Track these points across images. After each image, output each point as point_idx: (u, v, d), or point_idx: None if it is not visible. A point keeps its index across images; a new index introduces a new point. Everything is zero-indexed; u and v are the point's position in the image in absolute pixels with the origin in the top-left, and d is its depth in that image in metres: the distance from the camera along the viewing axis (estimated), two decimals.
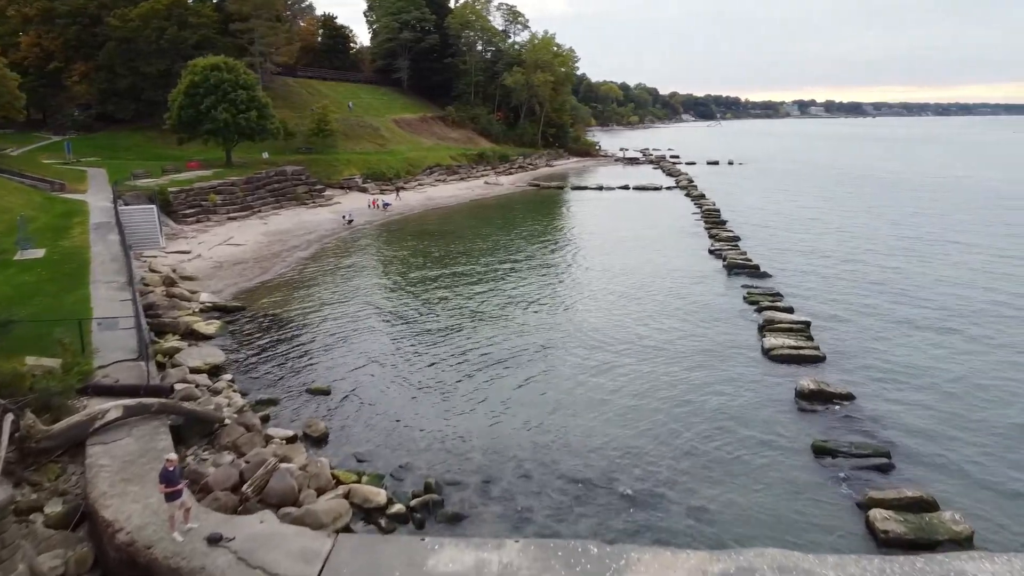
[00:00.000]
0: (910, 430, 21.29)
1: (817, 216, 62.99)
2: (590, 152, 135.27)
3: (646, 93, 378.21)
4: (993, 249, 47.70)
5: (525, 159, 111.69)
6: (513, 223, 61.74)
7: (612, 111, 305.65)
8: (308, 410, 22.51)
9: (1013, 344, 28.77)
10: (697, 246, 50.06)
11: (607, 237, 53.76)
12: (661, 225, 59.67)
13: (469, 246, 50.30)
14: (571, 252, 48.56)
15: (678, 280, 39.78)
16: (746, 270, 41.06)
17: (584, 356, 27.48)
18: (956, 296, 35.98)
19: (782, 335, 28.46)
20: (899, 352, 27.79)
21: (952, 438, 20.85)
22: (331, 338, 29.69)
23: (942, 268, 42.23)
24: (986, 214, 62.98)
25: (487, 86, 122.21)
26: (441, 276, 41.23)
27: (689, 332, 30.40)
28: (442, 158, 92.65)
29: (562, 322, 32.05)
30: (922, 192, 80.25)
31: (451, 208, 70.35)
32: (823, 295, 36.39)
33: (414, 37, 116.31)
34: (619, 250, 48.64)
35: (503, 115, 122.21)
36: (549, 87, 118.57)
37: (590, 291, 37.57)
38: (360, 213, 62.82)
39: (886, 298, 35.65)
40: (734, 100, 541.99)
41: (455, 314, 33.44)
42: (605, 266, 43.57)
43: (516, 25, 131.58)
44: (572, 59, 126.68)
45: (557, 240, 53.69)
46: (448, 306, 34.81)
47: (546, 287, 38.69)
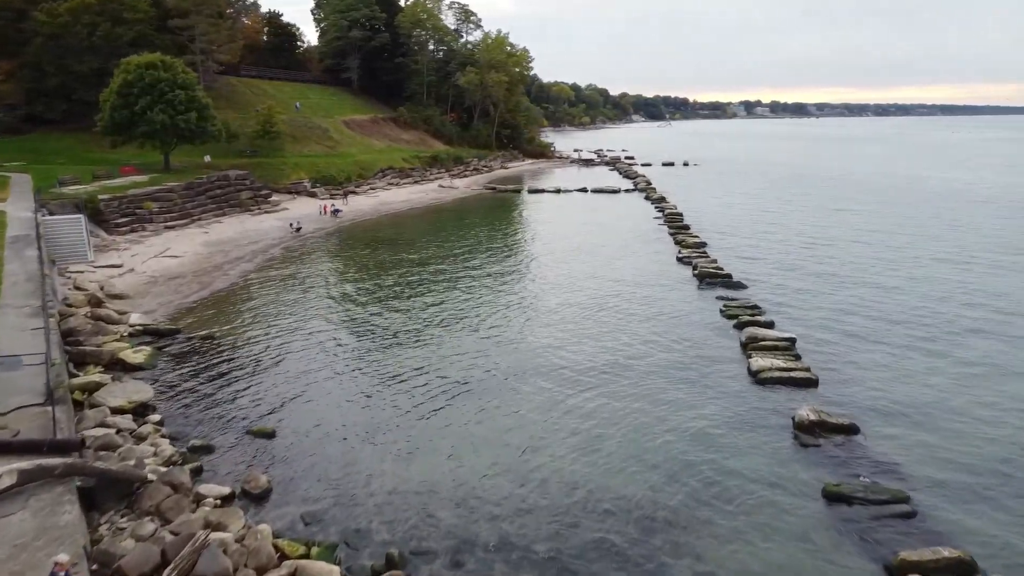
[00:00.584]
0: (922, 465, 19.30)
1: (781, 220, 61.60)
2: (545, 154, 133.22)
3: (597, 94, 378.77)
4: (964, 251, 46.61)
5: (480, 161, 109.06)
6: (470, 230, 59.10)
7: (564, 112, 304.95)
8: (249, 455, 19.60)
9: (1004, 358, 27.18)
10: (664, 253, 48.04)
11: (569, 244, 51.47)
12: (624, 230, 57.62)
13: (424, 255, 47.52)
14: (532, 261, 46.11)
15: (648, 292, 37.57)
16: (718, 280, 39.06)
17: (552, 383, 24.99)
18: (935, 304, 34.46)
19: (768, 355, 26.38)
20: (892, 372, 25.92)
21: (968, 470, 18.92)
22: (277, 365, 26.71)
23: (915, 274, 40.82)
24: (950, 213, 62.30)
25: (440, 86, 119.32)
26: (395, 290, 38.38)
27: (666, 352, 28.14)
28: (394, 160, 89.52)
29: (526, 342, 29.51)
30: (882, 192, 79.75)
31: (405, 213, 67.36)
32: (801, 306, 34.54)
33: (364, 36, 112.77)
34: (582, 258, 46.37)
35: (456, 116, 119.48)
36: (503, 87, 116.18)
37: (554, 305, 35.11)
38: (309, 220, 59.49)
39: (866, 309, 33.93)
40: (682, 101, 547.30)
41: (410, 334, 30.67)
42: (569, 276, 41.22)
43: (468, 24, 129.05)
44: (526, 59, 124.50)
45: (516, 248, 51.21)
46: (403, 325, 32.02)
47: (507, 301, 36.12)
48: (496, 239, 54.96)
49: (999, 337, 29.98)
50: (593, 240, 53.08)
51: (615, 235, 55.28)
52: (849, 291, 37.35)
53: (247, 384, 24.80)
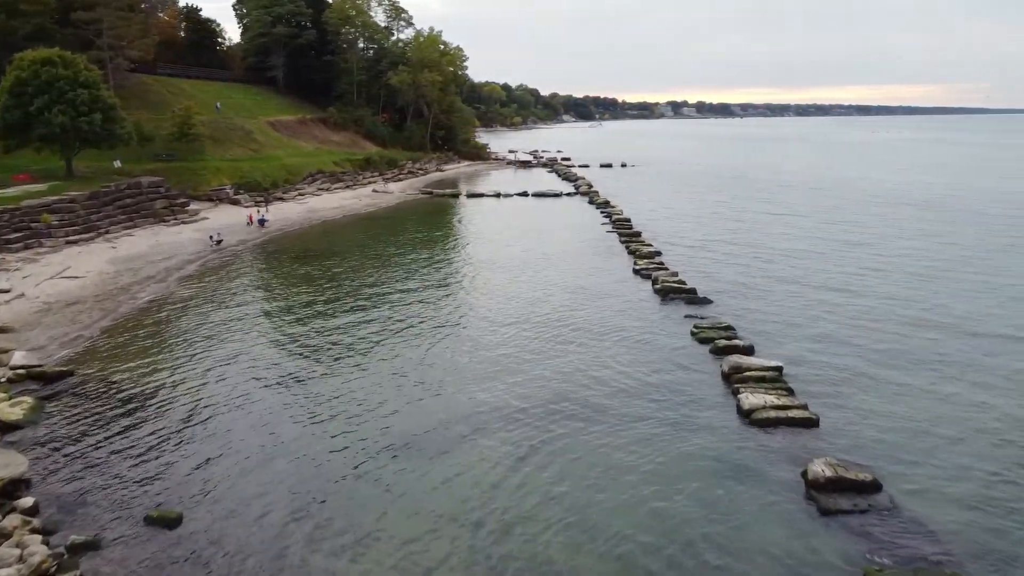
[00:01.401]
0: (968, 529, 16.47)
1: (730, 225, 59.39)
2: (481, 155, 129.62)
3: (528, 94, 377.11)
4: (922, 257, 44.86)
5: (415, 163, 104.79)
6: (407, 240, 55.10)
7: (495, 112, 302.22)
8: (146, 554, 15.47)
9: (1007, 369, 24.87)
10: (618, 264, 45.03)
11: (513, 254, 48.02)
12: (572, 238, 54.49)
13: (359, 270, 43.45)
14: (475, 275, 42.44)
15: (607, 311, 34.31)
16: (682, 296, 36.10)
17: (512, 432, 21.37)
18: (910, 313, 32.18)
19: (758, 389, 23.35)
20: (893, 401, 23.21)
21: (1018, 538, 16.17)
22: (189, 417, 22.42)
23: (880, 282, 38.66)
24: (890, 215, 61.08)
25: (371, 86, 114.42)
26: (327, 314, 34.22)
27: (640, 387, 24.84)
28: (325, 164, 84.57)
29: (476, 377, 25.78)
30: (824, 195, 78.64)
31: (337, 222, 62.86)
32: (776, 324, 31.82)
33: (289, 32, 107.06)
34: (530, 271, 42.93)
35: (389, 117, 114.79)
36: (437, 87, 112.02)
37: (504, 329, 31.44)
38: (232, 230, 54.59)
39: (842, 323, 31.38)
40: (611, 101, 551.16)
41: (345, 371, 26.66)
42: (516, 293, 37.67)
43: (400, 22, 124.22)
44: (460, 58, 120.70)
45: (458, 260, 47.47)
46: (336, 360, 27.96)
47: (451, 326, 32.34)
48: (436, 250, 51.14)
49: (999, 349, 27.74)
50: (540, 249, 49.77)
51: (563, 244, 52.09)
52: (820, 304, 34.85)
53: (151, 444, 20.51)
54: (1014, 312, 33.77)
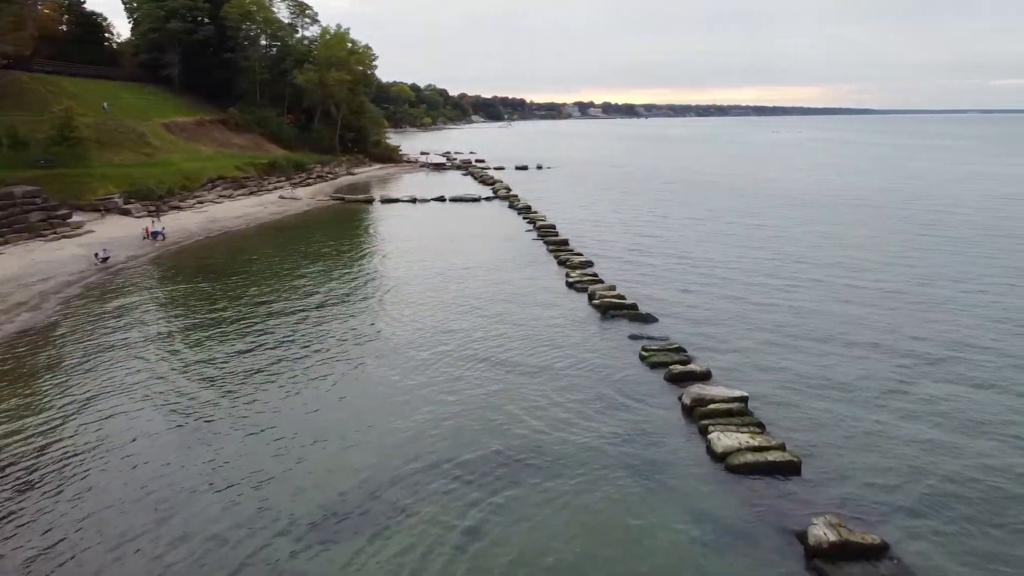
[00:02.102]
0: None
1: (657, 230, 57.65)
2: (393, 158, 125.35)
3: (437, 94, 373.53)
4: (857, 258, 43.98)
5: (324, 167, 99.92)
6: (317, 251, 51.02)
7: (404, 112, 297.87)
8: None
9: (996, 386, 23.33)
10: (549, 277, 42.35)
11: (436, 267, 44.74)
12: (495, 247, 51.55)
13: (263, 287, 39.42)
14: (396, 293, 38.90)
15: (544, 331, 31.51)
16: (623, 312, 33.64)
17: (453, 494, 18.17)
18: (865, 321, 30.67)
19: (728, 426, 20.93)
20: (868, 429, 21.25)
21: None
22: (58, 492, 18.38)
23: (824, 288, 37.31)
24: (812, 217, 60.66)
25: (275, 85, 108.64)
26: (226, 340, 30.16)
27: (592, 425, 22.02)
28: (226, 168, 79.08)
29: (401, 421, 22.41)
30: (741, 196, 78.35)
31: (240, 232, 58.11)
32: (726, 343, 29.67)
33: (184, 28, 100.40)
34: (455, 286, 39.73)
35: (294, 118, 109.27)
36: (345, 87, 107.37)
37: (429, 358, 28.10)
38: (123, 245, 49.35)
39: (796, 339, 29.48)
40: (520, 101, 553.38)
41: (242, 412, 22.88)
42: (443, 314, 34.29)
43: (304, 19, 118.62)
44: (369, 57, 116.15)
45: (374, 274, 43.75)
46: (234, 399, 24.10)
47: (370, 356, 28.69)
48: (349, 263, 47.28)
49: (966, 365, 26.28)
50: (462, 261, 46.67)
51: (487, 254, 49.10)
52: (764, 318, 32.98)
53: (5, 536, 16.47)
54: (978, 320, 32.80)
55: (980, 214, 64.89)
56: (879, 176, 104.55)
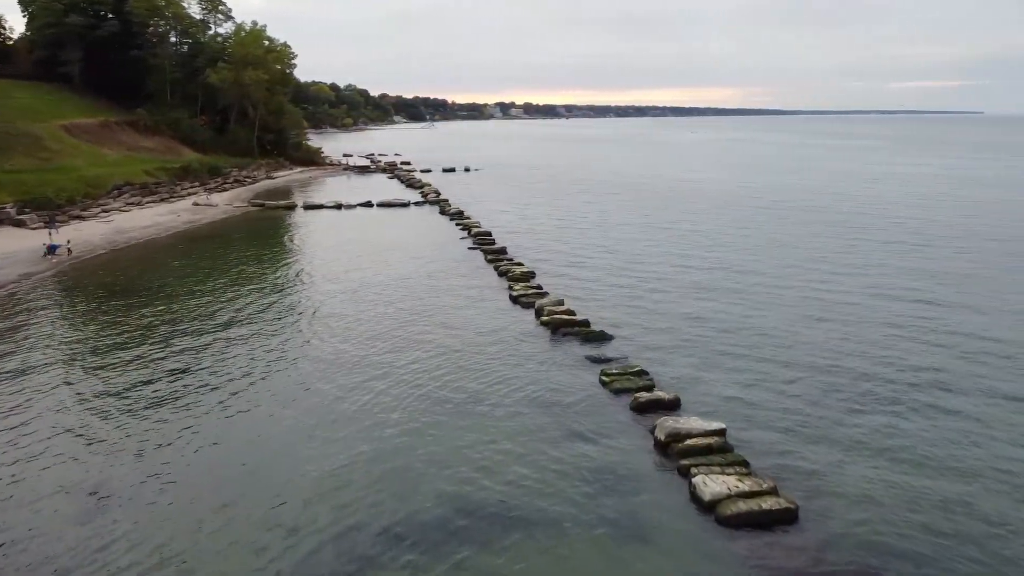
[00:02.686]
0: None
1: (595, 237, 55.80)
2: (315, 161, 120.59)
3: (357, 94, 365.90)
4: (804, 262, 43.04)
5: (241, 171, 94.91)
6: (236, 264, 47.24)
7: (324, 113, 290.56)
8: None
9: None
10: (489, 290, 39.87)
11: (368, 280, 41.73)
12: (430, 257, 48.78)
13: (173, 308, 35.78)
14: (323, 311, 35.67)
15: (491, 354, 29.00)
16: (576, 331, 31.44)
17: (406, 569, 15.78)
18: (827, 331, 29.34)
19: (712, 467, 18.91)
20: (860, 460, 19.59)
21: None
22: None
23: (785, 300, 36.02)
24: (748, 219, 60.03)
25: (187, 84, 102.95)
26: (127, 379, 26.64)
27: (559, 468, 19.60)
28: (134, 174, 73.75)
29: (334, 475, 19.66)
30: (676, 198, 77.49)
31: (150, 244, 53.64)
32: (690, 364, 27.75)
33: (86, 23, 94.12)
34: (389, 302, 36.81)
35: (208, 119, 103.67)
36: (263, 87, 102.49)
37: (363, 392, 25.30)
38: (17, 261, 44.68)
39: (754, 352, 27.90)
40: (441, 102, 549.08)
41: (132, 488, 19.82)
42: (376, 336, 31.30)
43: (217, 15, 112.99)
44: (288, 56, 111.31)
45: (300, 290, 40.37)
46: (137, 445, 20.98)
47: (296, 387, 25.74)
48: (271, 277, 43.73)
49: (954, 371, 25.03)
50: (395, 272, 43.82)
51: (421, 265, 46.29)
52: (720, 330, 31.36)
53: None
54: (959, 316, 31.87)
55: (913, 216, 65.54)
56: (805, 176, 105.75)
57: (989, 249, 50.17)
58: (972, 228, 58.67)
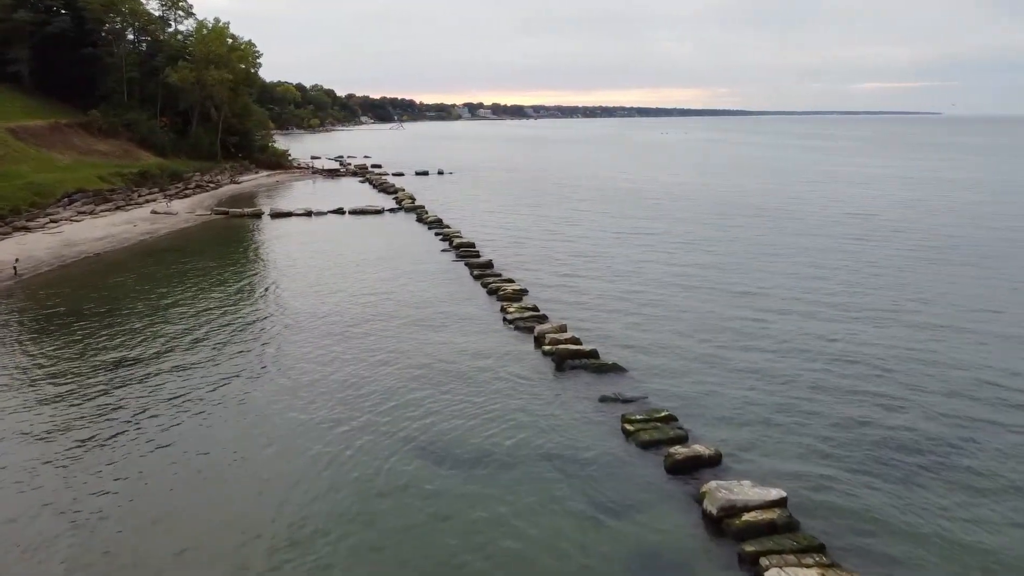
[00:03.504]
0: None
1: (586, 247, 52.42)
2: (282, 163, 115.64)
3: (324, 95, 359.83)
4: (800, 283, 39.99)
5: (204, 176, 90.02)
6: (195, 282, 42.82)
7: (291, 113, 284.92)
8: None
9: None
10: (481, 312, 36.12)
11: (341, 302, 37.78)
12: (411, 273, 44.84)
13: (123, 335, 31.57)
14: (293, 339, 31.64)
15: (489, 394, 25.19)
16: (584, 363, 27.86)
17: None
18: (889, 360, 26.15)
19: (784, 554, 15.40)
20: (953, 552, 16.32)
21: None
22: None
23: (799, 313, 32.78)
24: (741, 226, 57.00)
25: (146, 84, 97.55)
26: (65, 413, 22.60)
27: (585, 557, 16.22)
28: (88, 180, 68.70)
29: (310, 548, 16.15)
30: (665, 204, 74.45)
31: (103, 259, 49.00)
32: (718, 402, 24.33)
33: (36, 18, 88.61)
34: (369, 330, 32.85)
35: (168, 121, 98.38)
36: (227, 87, 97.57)
37: (333, 439, 21.63)
38: None
39: (787, 390, 24.60)
40: (409, 102, 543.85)
41: (63, 535, 15.91)
42: (350, 370, 27.67)
43: (177, 11, 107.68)
44: (252, 54, 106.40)
45: (269, 315, 36.00)
46: (73, 499, 17.03)
47: (266, 442, 21.94)
48: (234, 298, 39.41)
49: None
50: (373, 290, 39.99)
51: (401, 280, 42.39)
52: (740, 355, 28.05)
53: None
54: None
55: (917, 222, 63.07)
56: (791, 179, 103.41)
57: None
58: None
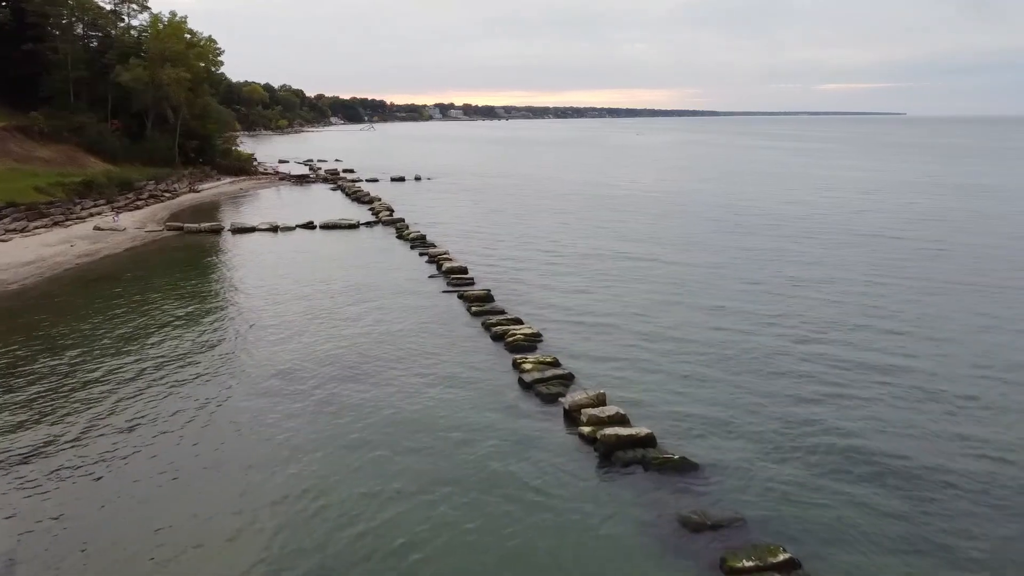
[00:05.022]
0: None
1: (597, 274, 45.76)
2: (246, 169, 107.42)
3: (293, 95, 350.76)
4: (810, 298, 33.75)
5: (159, 184, 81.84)
6: (135, 324, 35.13)
7: (258, 115, 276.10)
8: None
9: None
10: (487, 365, 29.02)
11: (318, 350, 30.60)
12: (394, 307, 37.62)
13: (38, 400, 24.15)
14: (256, 407, 24.68)
15: (515, 509, 18.37)
16: (640, 454, 20.90)
17: None
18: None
19: None
20: None
21: None
22: None
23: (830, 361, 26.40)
24: (770, 247, 50.84)
25: (95, 84, 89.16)
26: None
27: None
28: (22, 191, 60.55)
29: None
30: (662, 215, 68.09)
31: (23, 292, 41.15)
32: (839, 521, 17.81)
33: None
34: (351, 393, 25.80)
35: (120, 124, 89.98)
36: (184, 87, 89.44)
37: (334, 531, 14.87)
38: None
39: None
40: (380, 103, 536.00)
41: None
42: (326, 461, 20.70)
43: (131, 5, 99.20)
44: (213, 51, 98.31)
45: (227, 372, 28.82)
46: None
47: (224, 552, 15.18)
48: (185, 348, 31.60)
49: None
50: (352, 333, 32.84)
51: (386, 325, 34.82)
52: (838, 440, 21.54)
53: None
54: None
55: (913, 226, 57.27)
56: (790, 185, 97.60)
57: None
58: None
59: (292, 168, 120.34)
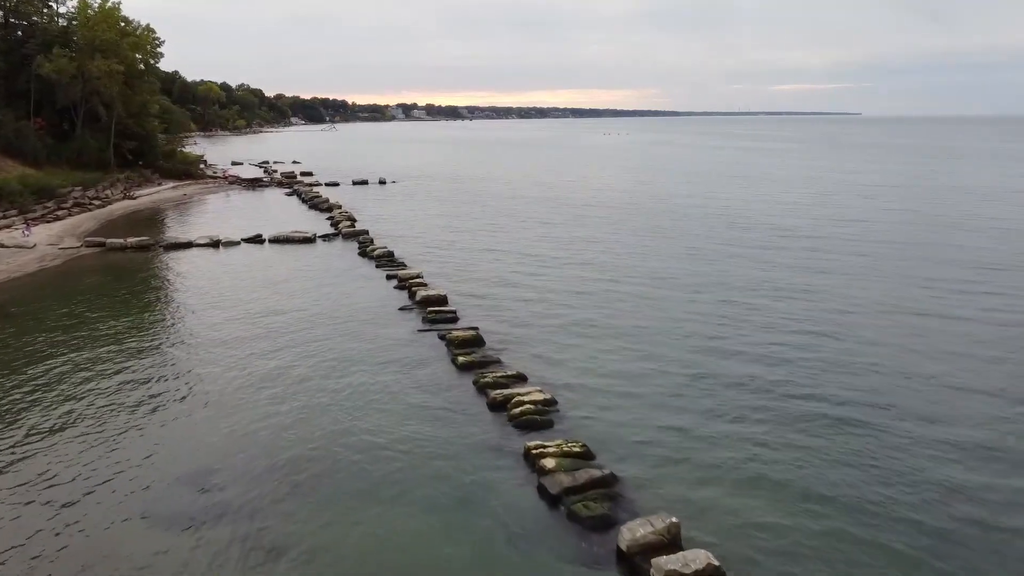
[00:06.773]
0: None
1: (600, 299, 37.94)
2: (192, 172, 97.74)
3: (252, 95, 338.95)
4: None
5: (86, 191, 72.11)
6: (29, 383, 26.64)
7: (215, 114, 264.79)
8: None
9: None
10: (480, 440, 21.16)
11: (271, 425, 22.36)
12: (358, 354, 29.17)
13: None
14: (195, 504, 16.45)
15: None
16: None
17: None
18: None
19: None
20: None
21: None
22: None
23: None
24: (770, 260, 43.46)
25: (14, 77, 78.99)
26: None
27: None
28: None
29: None
30: (655, 227, 60.60)
31: None
32: None
33: None
34: (310, 493, 17.87)
35: (45, 123, 79.84)
36: (118, 81, 79.61)
37: None
38: None
39: None
40: (342, 103, 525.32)
41: None
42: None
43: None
44: (151, 42, 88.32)
45: (154, 469, 20.65)
46: None
47: None
48: (94, 423, 23.44)
49: None
50: (305, 392, 24.64)
51: (348, 375, 26.70)
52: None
53: None
54: None
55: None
56: (781, 187, 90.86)
57: None
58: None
59: (245, 170, 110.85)
